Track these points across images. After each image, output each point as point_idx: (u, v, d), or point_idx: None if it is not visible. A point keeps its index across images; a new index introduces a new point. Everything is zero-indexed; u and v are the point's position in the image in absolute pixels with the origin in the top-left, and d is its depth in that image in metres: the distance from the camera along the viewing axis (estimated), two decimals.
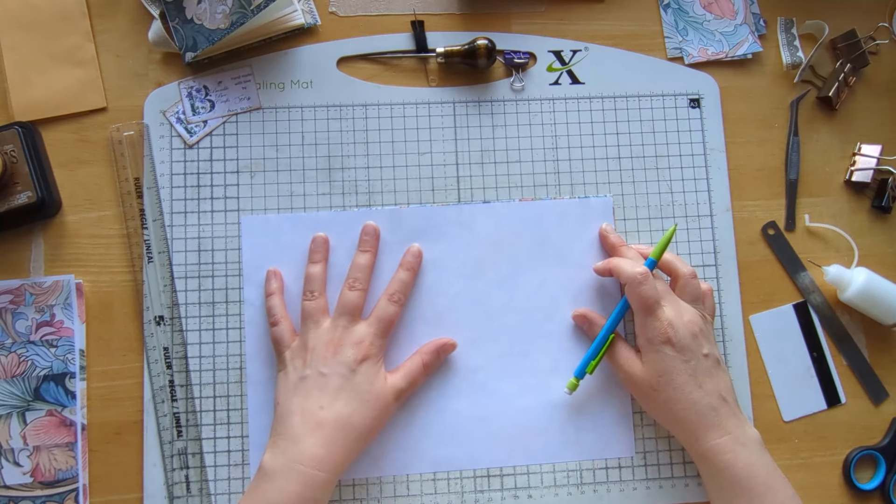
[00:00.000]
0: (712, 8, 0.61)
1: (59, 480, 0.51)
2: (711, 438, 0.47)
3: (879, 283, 0.55)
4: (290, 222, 0.55)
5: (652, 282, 0.50)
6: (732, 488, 0.47)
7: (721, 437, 0.47)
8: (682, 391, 0.48)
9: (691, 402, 0.48)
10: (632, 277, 0.50)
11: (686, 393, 0.48)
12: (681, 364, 0.48)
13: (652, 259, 0.52)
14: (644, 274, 0.49)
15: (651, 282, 0.49)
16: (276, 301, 0.52)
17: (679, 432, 0.50)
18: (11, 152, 0.51)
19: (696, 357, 0.49)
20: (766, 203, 0.59)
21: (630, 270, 0.50)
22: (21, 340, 0.52)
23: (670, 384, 0.48)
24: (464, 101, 0.58)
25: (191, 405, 0.52)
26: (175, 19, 0.55)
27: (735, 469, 0.47)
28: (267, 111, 0.56)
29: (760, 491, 0.46)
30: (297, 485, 0.45)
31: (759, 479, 0.46)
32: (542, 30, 0.59)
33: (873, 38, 0.61)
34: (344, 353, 0.49)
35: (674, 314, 0.49)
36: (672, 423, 0.50)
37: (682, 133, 0.58)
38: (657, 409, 0.50)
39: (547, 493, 0.53)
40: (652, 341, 0.49)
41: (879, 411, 0.57)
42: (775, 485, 0.47)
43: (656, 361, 0.49)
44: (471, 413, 0.53)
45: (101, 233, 0.54)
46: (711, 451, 0.47)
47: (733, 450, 0.47)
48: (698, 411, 0.48)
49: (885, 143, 0.59)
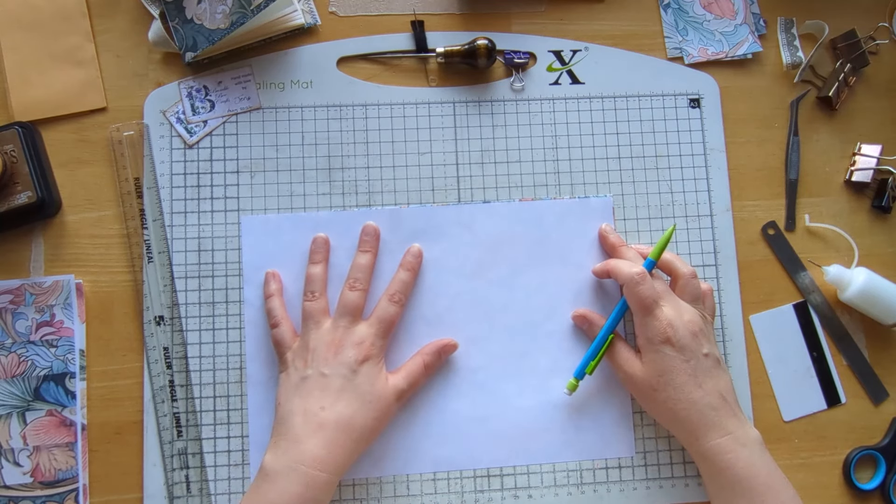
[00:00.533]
0: (712, 8, 0.61)
1: (59, 480, 0.51)
2: (712, 438, 0.48)
3: (879, 283, 0.55)
4: (290, 222, 0.55)
5: (650, 282, 0.50)
6: (733, 488, 0.47)
7: (722, 436, 0.47)
8: (682, 391, 0.48)
9: (691, 401, 0.48)
10: (629, 278, 0.50)
11: (686, 392, 0.48)
12: (681, 364, 0.48)
13: (651, 259, 0.52)
14: (641, 274, 0.49)
15: (649, 282, 0.49)
16: (276, 303, 0.52)
17: (679, 432, 0.50)
18: (11, 152, 0.51)
19: (696, 357, 0.49)
20: (766, 203, 0.59)
21: (628, 271, 0.50)
22: (21, 340, 0.52)
23: (670, 384, 0.48)
24: (464, 101, 0.58)
25: (191, 405, 0.52)
26: (175, 19, 0.55)
27: (736, 469, 0.47)
28: (267, 111, 0.56)
29: (761, 491, 0.46)
30: (299, 486, 0.45)
31: (760, 478, 0.46)
32: (542, 30, 0.59)
33: (873, 38, 0.61)
34: (345, 354, 0.49)
35: (673, 314, 0.49)
36: (672, 423, 0.50)
37: (682, 133, 0.58)
38: (657, 408, 0.50)
39: (547, 492, 0.53)
40: (651, 341, 0.49)
41: (879, 411, 0.57)
42: (776, 485, 0.47)
43: (656, 361, 0.49)
44: (471, 413, 0.53)
45: (101, 233, 0.54)
46: (712, 451, 0.47)
47: (734, 450, 0.47)
48: (699, 411, 0.48)
49: (885, 143, 0.59)
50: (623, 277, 0.50)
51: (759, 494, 0.46)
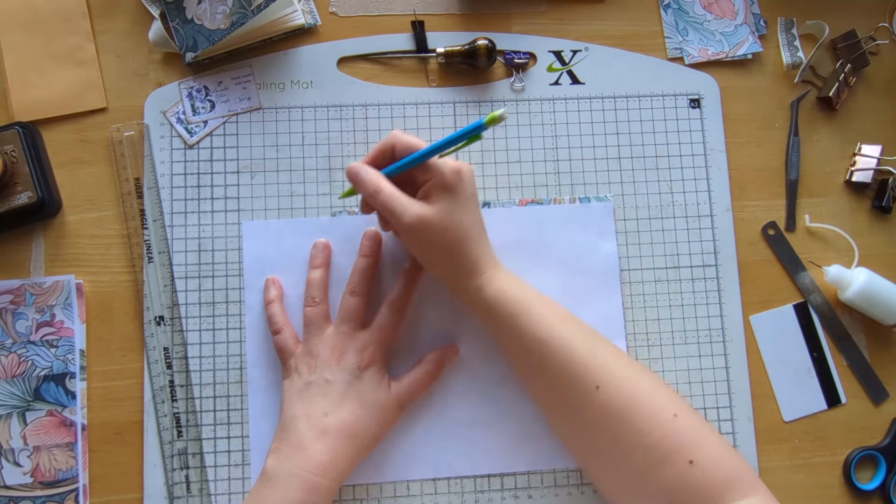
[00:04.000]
0: (712, 8, 0.61)
1: (59, 480, 0.51)
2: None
3: (880, 284, 0.55)
4: (290, 227, 0.55)
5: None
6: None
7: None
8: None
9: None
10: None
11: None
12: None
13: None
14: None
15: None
16: (276, 309, 0.52)
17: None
18: (12, 152, 0.51)
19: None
20: (766, 203, 0.59)
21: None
22: (21, 340, 0.52)
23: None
24: (464, 101, 0.58)
25: (191, 405, 0.52)
26: (175, 19, 0.55)
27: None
28: (267, 111, 0.56)
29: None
30: (300, 492, 0.45)
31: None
32: (542, 30, 0.59)
33: (873, 39, 0.61)
34: (348, 360, 0.49)
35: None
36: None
37: (683, 133, 0.58)
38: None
39: (547, 493, 0.53)
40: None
41: (880, 411, 0.57)
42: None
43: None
44: (472, 419, 0.53)
45: (102, 233, 0.54)
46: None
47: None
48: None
49: (886, 143, 0.59)
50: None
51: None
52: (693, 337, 0.56)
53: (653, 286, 0.56)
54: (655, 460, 0.43)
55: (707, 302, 0.56)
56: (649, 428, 0.43)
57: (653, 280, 0.56)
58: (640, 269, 0.56)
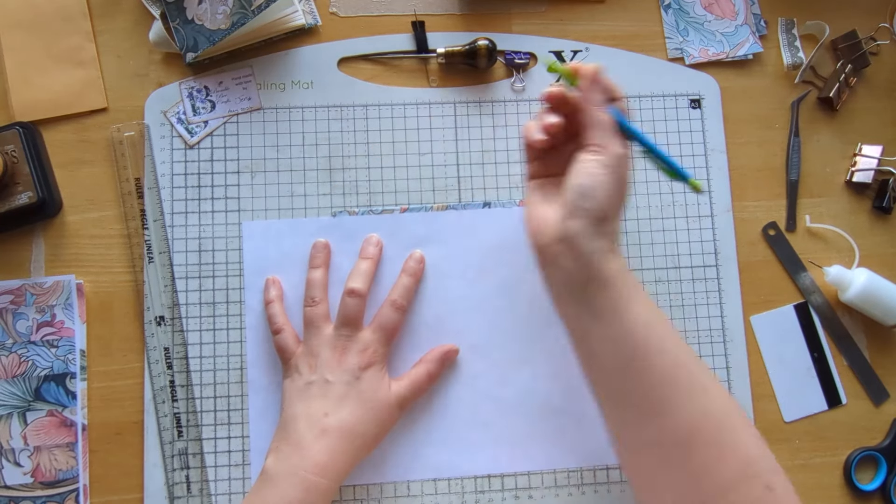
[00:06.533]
0: (713, 8, 0.61)
1: (59, 481, 0.51)
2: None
3: (880, 284, 0.55)
4: (291, 228, 0.55)
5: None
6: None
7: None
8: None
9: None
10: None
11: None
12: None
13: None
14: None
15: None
16: (277, 309, 0.52)
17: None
18: (12, 152, 0.51)
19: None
20: (766, 203, 0.59)
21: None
22: (22, 341, 0.52)
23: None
24: (464, 101, 0.58)
25: (191, 405, 0.52)
26: (176, 20, 0.55)
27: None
28: (267, 111, 0.56)
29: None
30: (300, 491, 0.45)
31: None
32: (542, 30, 0.59)
33: (874, 39, 0.61)
34: (348, 360, 0.49)
35: None
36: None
37: (683, 133, 0.58)
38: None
39: (548, 493, 0.53)
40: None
41: (880, 412, 0.57)
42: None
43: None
44: (472, 419, 0.53)
45: (102, 233, 0.54)
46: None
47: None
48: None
49: (886, 143, 0.59)
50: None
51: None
52: (693, 337, 0.56)
53: (653, 286, 0.56)
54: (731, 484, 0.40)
55: (707, 302, 0.56)
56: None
57: (653, 280, 0.56)
58: (641, 269, 0.56)
